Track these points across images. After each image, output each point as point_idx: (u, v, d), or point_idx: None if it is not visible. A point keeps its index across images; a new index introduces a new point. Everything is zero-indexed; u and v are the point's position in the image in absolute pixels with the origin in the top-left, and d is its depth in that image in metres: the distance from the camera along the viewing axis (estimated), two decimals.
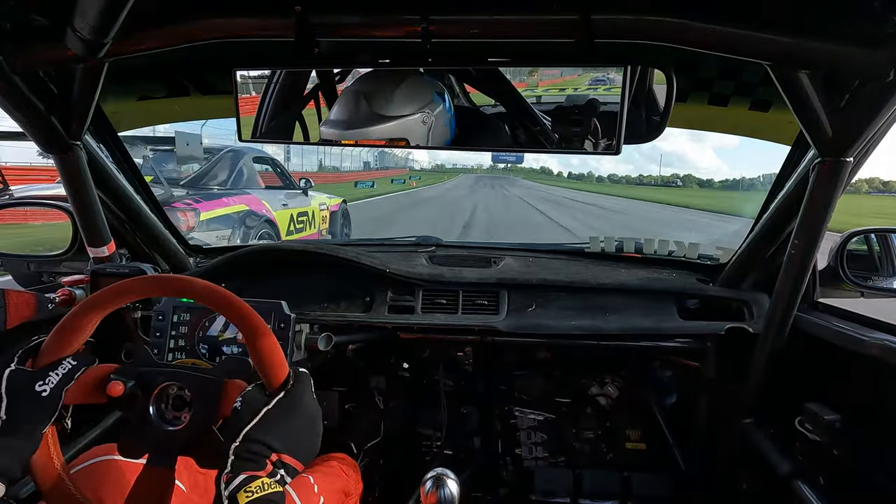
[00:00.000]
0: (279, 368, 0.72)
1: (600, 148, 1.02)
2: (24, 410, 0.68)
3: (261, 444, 0.65)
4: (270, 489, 0.62)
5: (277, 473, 0.65)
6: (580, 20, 0.92)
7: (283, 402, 0.69)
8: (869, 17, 0.80)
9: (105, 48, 0.93)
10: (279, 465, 0.65)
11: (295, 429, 0.69)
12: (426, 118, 1.06)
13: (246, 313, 0.74)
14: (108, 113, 1.45)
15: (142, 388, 0.74)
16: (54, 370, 0.70)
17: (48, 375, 0.69)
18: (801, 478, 1.22)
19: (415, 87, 1.07)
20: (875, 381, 1.10)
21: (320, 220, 5.81)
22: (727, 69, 1.25)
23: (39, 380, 0.69)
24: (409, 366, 1.86)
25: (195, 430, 0.72)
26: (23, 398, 0.68)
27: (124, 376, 0.73)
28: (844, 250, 1.40)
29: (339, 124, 1.08)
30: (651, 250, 1.78)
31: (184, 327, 1.28)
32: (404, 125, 1.05)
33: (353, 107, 1.06)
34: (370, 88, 1.06)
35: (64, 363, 0.71)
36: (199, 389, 0.74)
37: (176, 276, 0.77)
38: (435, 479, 0.95)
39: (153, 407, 0.74)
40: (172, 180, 4.58)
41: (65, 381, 0.70)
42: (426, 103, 1.06)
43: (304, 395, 0.71)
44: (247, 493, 0.60)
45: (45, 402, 0.68)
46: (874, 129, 0.96)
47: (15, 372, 0.69)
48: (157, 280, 0.81)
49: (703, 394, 1.63)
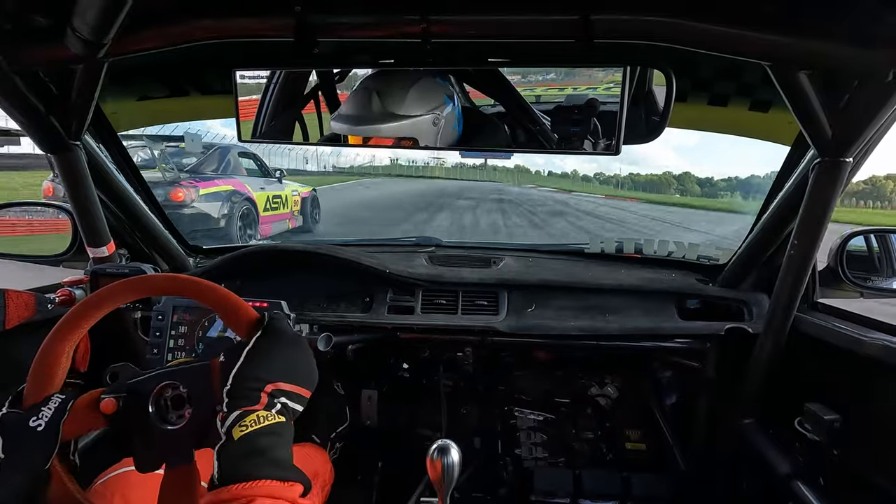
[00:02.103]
0: (245, 311, 0.73)
1: (600, 148, 1.02)
2: (22, 448, 0.67)
3: (251, 378, 0.65)
4: (268, 421, 0.61)
5: (276, 404, 0.64)
6: (580, 20, 0.93)
7: (262, 338, 0.69)
8: (868, 17, 0.80)
9: (104, 48, 0.93)
10: (276, 394, 0.65)
11: (282, 356, 0.69)
12: (436, 119, 1.06)
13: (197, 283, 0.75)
14: (108, 113, 1.45)
15: (135, 397, 0.73)
16: (45, 405, 0.69)
17: (41, 411, 0.68)
18: (801, 478, 1.22)
19: (427, 88, 1.07)
20: (875, 381, 1.10)
21: (292, 203, 7.46)
22: (727, 69, 1.25)
23: (33, 416, 0.68)
24: (408, 366, 1.86)
25: (201, 420, 0.72)
26: (19, 436, 0.67)
27: (114, 392, 0.72)
28: (844, 250, 1.40)
29: (351, 119, 1.08)
30: (651, 250, 1.78)
31: (183, 327, 1.28)
32: (416, 125, 1.06)
33: (366, 103, 1.06)
34: (383, 86, 1.06)
35: (53, 398, 0.70)
36: (191, 380, 0.73)
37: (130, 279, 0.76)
38: (439, 448, 1.00)
39: (154, 413, 0.73)
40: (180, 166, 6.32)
41: (58, 415, 0.69)
42: (438, 104, 1.07)
43: (280, 327, 0.71)
44: (241, 428, 0.60)
45: (43, 437, 0.67)
46: (874, 130, 0.97)
47: (6, 414, 0.69)
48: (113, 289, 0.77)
49: (702, 394, 1.63)
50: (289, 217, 7.39)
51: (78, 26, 0.87)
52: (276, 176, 7.42)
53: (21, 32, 0.95)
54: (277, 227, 7.17)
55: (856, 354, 1.10)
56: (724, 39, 0.91)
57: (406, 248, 1.84)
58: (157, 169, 6.01)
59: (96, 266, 1.36)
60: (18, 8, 0.92)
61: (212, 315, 1.28)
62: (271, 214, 6.92)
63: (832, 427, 1.15)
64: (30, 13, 0.93)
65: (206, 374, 0.72)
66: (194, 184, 5.92)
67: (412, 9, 0.96)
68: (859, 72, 0.90)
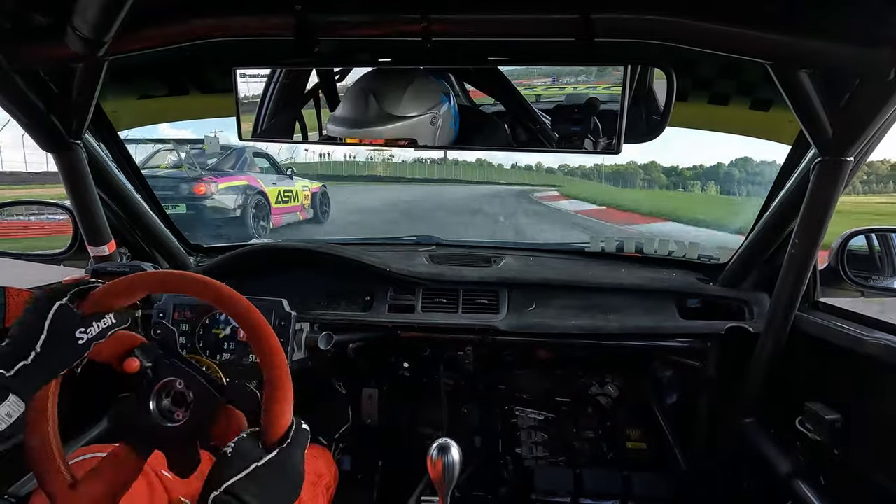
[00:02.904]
0: (283, 420, 0.70)
1: (600, 147, 1.02)
2: (57, 351, 0.69)
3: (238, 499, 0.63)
4: None
5: None
6: (580, 19, 0.92)
7: (273, 463, 0.67)
8: (869, 16, 0.80)
9: (105, 47, 0.93)
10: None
11: (276, 489, 0.67)
12: (434, 119, 1.06)
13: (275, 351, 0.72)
14: (108, 111, 1.45)
15: (154, 372, 0.74)
16: (98, 321, 0.71)
17: (91, 325, 0.70)
18: (802, 477, 1.22)
19: (424, 87, 1.06)
20: (876, 380, 1.10)
21: (302, 198, 8.32)
22: (727, 68, 1.25)
23: (81, 327, 0.70)
24: (409, 365, 1.86)
25: (181, 434, 0.73)
26: (61, 341, 0.69)
27: (144, 355, 0.74)
28: (845, 250, 1.40)
29: (347, 122, 1.07)
30: (651, 250, 1.78)
31: (185, 324, 1.29)
32: (414, 126, 1.05)
33: (363, 105, 1.05)
34: (379, 87, 1.05)
35: (106, 318, 0.72)
36: (201, 401, 0.74)
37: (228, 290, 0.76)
38: (440, 447, 1.01)
39: (154, 396, 0.74)
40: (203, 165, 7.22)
41: (100, 337, 0.71)
42: (435, 103, 1.06)
43: (295, 458, 0.69)
44: None
45: (78, 350, 0.70)
46: (874, 129, 0.96)
47: (65, 309, 0.70)
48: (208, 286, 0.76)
49: (703, 393, 1.63)
50: (299, 209, 8.23)
51: (78, 25, 0.87)
52: (287, 173, 8.29)
53: (21, 31, 0.95)
54: (288, 218, 7.93)
55: (857, 354, 1.10)
56: (724, 38, 0.90)
57: (407, 246, 1.84)
58: (182, 168, 6.89)
59: (97, 265, 1.36)
60: (18, 6, 0.92)
61: (213, 313, 1.28)
62: (283, 207, 7.78)
63: (833, 426, 1.14)
64: (30, 12, 0.93)
65: (215, 413, 0.73)
66: (214, 179, 6.84)
67: (412, 8, 0.96)
68: (860, 71, 0.90)
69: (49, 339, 0.68)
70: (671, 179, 25.44)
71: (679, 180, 25.10)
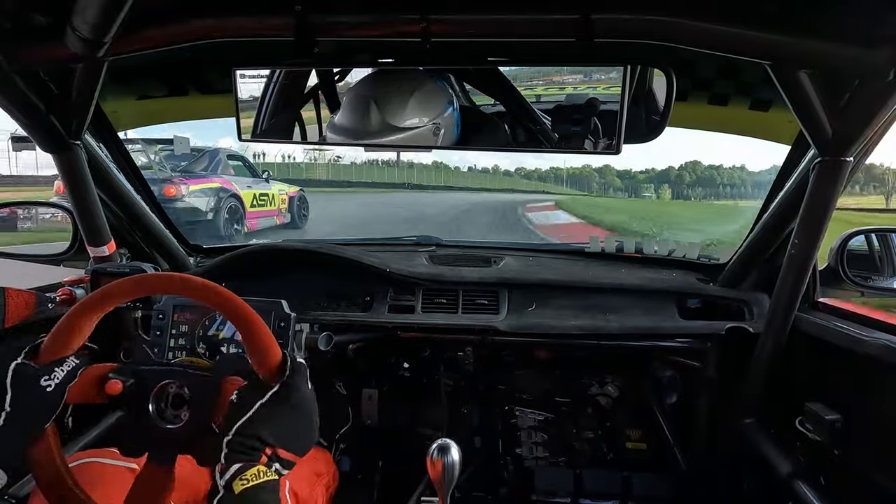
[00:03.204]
0: (272, 355, 0.72)
1: (600, 147, 1.02)
2: (28, 404, 0.68)
3: (254, 438, 0.65)
4: (266, 477, 0.63)
5: (273, 465, 0.66)
6: (580, 20, 0.92)
7: (277, 396, 0.69)
8: (868, 16, 0.80)
9: (104, 47, 0.92)
10: (274, 457, 0.66)
11: (288, 423, 0.69)
12: (437, 129, 1.05)
13: (237, 305, 0.74)
14: (108, 112, 1.45)
15: (140, 386, 0.74)
16: (59, 366, 0.70)
17: (53, 371, 0.70)
18: (802, 478, 1.22)
19: (429, 94, 1.04)
20: (876, 380, 1.10)
21: (279, 201, 8.11)
22: (727, 69, 1.25)
23: (45, 375, 0.69)
24: (409, 365, 1.86)
25: (194, 429, 0.72)
26: (28, 392, 0.68)
27: (123, 375, 0.73)
28: (844, 250, 1.40)
29: (348, 133, 1.05)
30: (651, 250, 1.78)
31: (184, 326, 1.28)
32: (417, 136, 1.04)
33: (364, 114, 1.03)
34: (381, 94, 1.03)
35: (67, 361, 0.72)
36: (198, 388, 0.74)
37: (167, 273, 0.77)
38: (440, 447, 1.00)
39: (152, 405, 0.73)
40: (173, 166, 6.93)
41: (68, 379, 0.70)
42: (439, 112, 1.05)
43: (299, 387, 0.71)
44: (242, 482, 0.62)
45: (49, 398, 0.69)
46: (874, 129, 0.96)
47: (21, 365, 0.70)
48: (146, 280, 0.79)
49: (703, 394, 1.63)
50: (276, 214, 8.09)
51: (78, 25, 0.86)
52: (263, 176, 8.14)
53: (21, 31, 0.95)
54: (264, 222, 7.76)
55: (857, 354, 1.10)
56: (724, 39, 0.90)
57: (406, 247, 1.84)
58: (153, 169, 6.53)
59: (97, 265, 1.36)
60: (18, 7, 0.92)
61: (212, 314, 1.28)
62: (258, 211, 7.62)
63: (833, 427, 1.14)
64: (29, 12, 0.93)
65: (215, 390, 0.73)
66: (185, 181, 6.61)
67: (412, 8, 0.96)
68: (860, 71, 0.90)
69: (15, 394, 0.67)
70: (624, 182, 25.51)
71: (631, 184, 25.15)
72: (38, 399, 0.68)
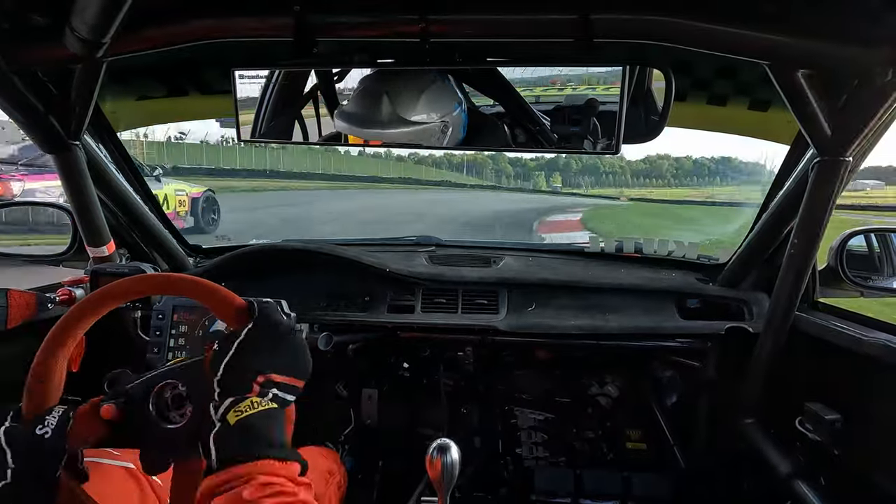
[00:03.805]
0: (236, 305, 0.72)
1: (599, 147, 1.02)
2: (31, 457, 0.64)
3: (242, 369, 0.65)
4: (262, 406, 0.62)
5: (268, 393, 0.65)
6: (579, 20, 0.92)
7: (253, 329, 0.69)
8: (867, 17, 0.80)
9: (103, 48, 0.92)
10: (268, 384, 0.65)
11: (274, 347, 0.69)
12: (445, 127, 1.05)
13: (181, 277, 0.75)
14: (107, 112, 1.45)
15: (135, 402, 0.72)
16: (48, 415, 0.67)
17: (44, 420, 0.66)
18: (802, 478, 1.22)
19: (440, 92, 1.05)
20: (875, 380, 1.10)
21: (176, 204, 6.98)
22: (726, 69, 1.25)
23: (37, 424, 0.66)
24: (409, 365, 1.86)
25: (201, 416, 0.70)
26: (27, 445, 0.65)
27: (113, 398, 0.72)
28: (844, 250, 1.40)
29: (357, 119, 1.06)
30: (651, 250, 1.78)
31: (184, 326, 1.29)
32: (424, 131, 1.04)
33: (376, 104, 1.03)
34: (394, 87, 1.04)
35: (54, 410, 0.68)
36: (189, 377, 0.73)
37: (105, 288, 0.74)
38: (439, 447, 1.01)
39: (154, 414, 0.72)
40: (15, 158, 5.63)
41: (63, 423, 0.67)
42: (448, 111, 1.05)
43: (270, 316, 0.72)
44: (236, 413, 0.61)
45: (50, 444, 0.65)
46: (873, 129, 0.96)
47: (10, 427, 0.66)
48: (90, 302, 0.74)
49: (703, 394, 1.63)
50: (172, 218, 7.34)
51: (77, 26, 0.86)
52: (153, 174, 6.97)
53: (19, 32, 0.95)
54: None
55: (856, 354, 1.10)
56: (723, 39, 0.90)
57: (406, 247, 1.84)
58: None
59: (96, 266, 1.37)
60: (17, 7, 0.92)
61: (211, 315, 1.28)
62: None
63: (833, 427, 1.14)
64: (28, 12, 0.93)
65: (202, 367, 0.72)
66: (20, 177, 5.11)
67: (411, 8, 0.96)
68: (858, 71, 0.90)
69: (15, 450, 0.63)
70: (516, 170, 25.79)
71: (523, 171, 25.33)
72: (38, 446, 0.65)
